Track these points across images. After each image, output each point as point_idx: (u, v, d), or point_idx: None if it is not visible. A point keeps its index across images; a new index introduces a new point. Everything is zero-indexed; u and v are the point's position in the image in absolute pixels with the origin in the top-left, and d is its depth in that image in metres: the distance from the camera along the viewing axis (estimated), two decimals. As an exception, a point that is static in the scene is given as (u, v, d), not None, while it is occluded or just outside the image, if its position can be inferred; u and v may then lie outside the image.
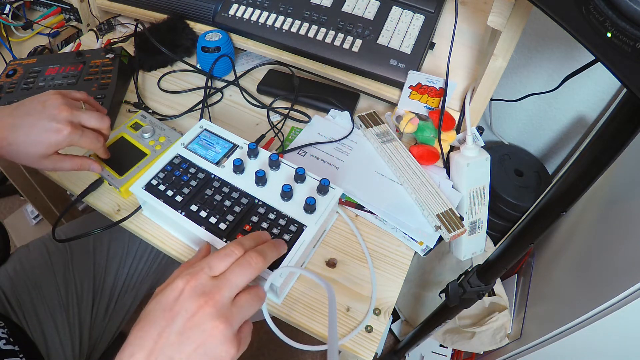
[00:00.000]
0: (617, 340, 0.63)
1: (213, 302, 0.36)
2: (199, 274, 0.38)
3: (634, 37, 0.30)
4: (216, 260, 0.39)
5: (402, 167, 0.63)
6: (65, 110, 0.51)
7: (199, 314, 0.36)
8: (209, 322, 0.35)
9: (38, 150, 0.51)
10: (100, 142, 0.55)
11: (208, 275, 0.38)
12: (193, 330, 0.35)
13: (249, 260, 0.40)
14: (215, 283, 0.37)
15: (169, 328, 0.35)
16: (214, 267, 0.39)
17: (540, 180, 1.10)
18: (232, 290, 0.38)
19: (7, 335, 0.59)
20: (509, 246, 0.58)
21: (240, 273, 0.39)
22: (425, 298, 1.16)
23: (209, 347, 0.35)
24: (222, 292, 0.37)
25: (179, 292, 0.36)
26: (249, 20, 0.76)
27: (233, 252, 0.40)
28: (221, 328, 0.36)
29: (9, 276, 0.68)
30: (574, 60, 0.94)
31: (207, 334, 0.35)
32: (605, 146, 0.39)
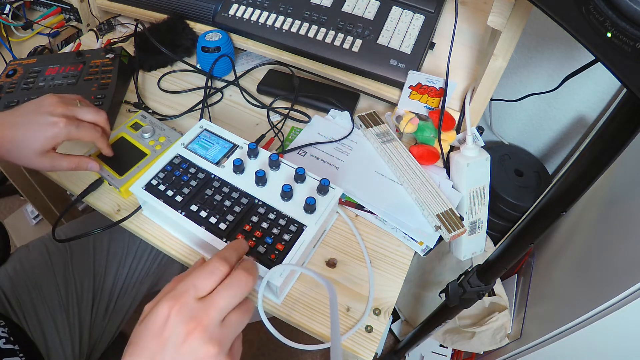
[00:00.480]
0: (617, 340, 0.63)
1: (202, 327, 0.35)
2: (184, 296, 0.36)
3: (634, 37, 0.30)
4: (201, 280, 0.38)
5: (402, 167, 0.63)
6: (60, 106, 0.53)
7: (189, 339, 0.35)
8: (200, 347, 0.35)
9: (36, 145, 0.51)
10: (98, 131, 0.55)
11: (194, 298, 0.37)
12: (184, 355, 0.35)
13: (238, 281, 0.39)
14: (203, 306, 0.36)
15: (161, 355, 0.35)
16: (199, 288, 0.37)
17: (540, 180, 1.10)
18: (221, 313, 0.37)
19: (7, 334, 0.59)
20: (509, 246, 0.58)
21: (228, 295, 0.38)
22: (425, 298, 1.16)
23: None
24: (211, 315, 0.36)
25: (166, 316, 0.36)
26: (249, 20, 0.76)
27: (218, 269, 0.39)
28: (213, 352, 0.35)
29: (9, 276, 0.69)
30: (574, 60, 0.94)
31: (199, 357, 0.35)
32: (605, 146, 0.39)
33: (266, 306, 0.52)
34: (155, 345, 0.35)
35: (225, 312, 0.37)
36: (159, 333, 0.35)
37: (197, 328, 0.35)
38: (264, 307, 0.51)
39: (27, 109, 0.52)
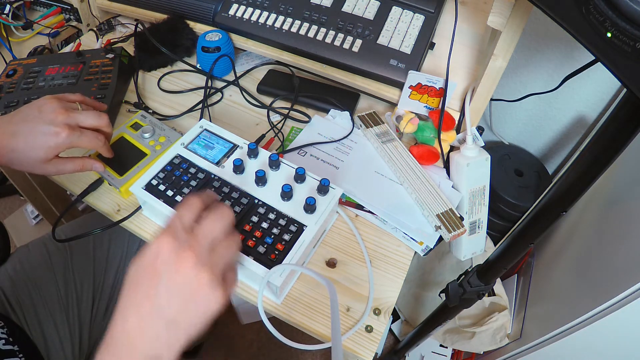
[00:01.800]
0: (617, 340, 0.63)
1: (193, 254, 0.37)
2: (173, 229, 0.38)
3: (634, 37, 0.30)
4: (185, 212, 0.40)
5: (402, 167, 0.63)
6: (61, 114, 0.52)
7: (182, 267, 0.36)
8: (193, 273, 0.36)
9: (38, 155, 0.51)
10: (100, 140, 0.55)
11: (182, 230, 0.38)
12: (179, 285, 0.36)
13: (219, 210, 0.41)
14: (191, 236, 0.38)
15: (156, 287, 0.36)
16: (185, 220, 0.39)
17: (540, 180, 1.09)
18: (209, 240, 0.39)
19: (7, 335, 0.59)
20: (509, 246, 0.58)
21: (212, 223, 0.39)
22: (425, 298, 1.16)
23: (197, 297, 0.36)
24: (200, 242, 0.38)
25: (157, 251, 0.37)
26: (249, 20, 0.76)
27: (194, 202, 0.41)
28: (205, 277, 0.36)
29: (9, 276, 0.68)
30: (574, 60, 0.94)
31: (193, 286, 0.36)
32: (605, 146, 0.39)
33: (266, 306, 0.52)
34: (150, 279, 0.37)
35: (212, 239, 0.39)
36: (152, 267, 0.37)
37: (189, 256, 0.36)
38: (264, 307, 0.51)
39: (27, 116, 0.51)
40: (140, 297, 0.37)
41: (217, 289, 0.37)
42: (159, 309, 0.36)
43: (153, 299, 0.36)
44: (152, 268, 0.37)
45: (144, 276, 0.37)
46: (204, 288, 0.37)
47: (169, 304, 0.36)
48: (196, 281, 0.36)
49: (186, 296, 0.36)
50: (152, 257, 0.37)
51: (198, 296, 0.37)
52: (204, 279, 0.36)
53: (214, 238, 0.39)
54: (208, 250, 0.38)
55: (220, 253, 0.39)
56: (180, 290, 0.36)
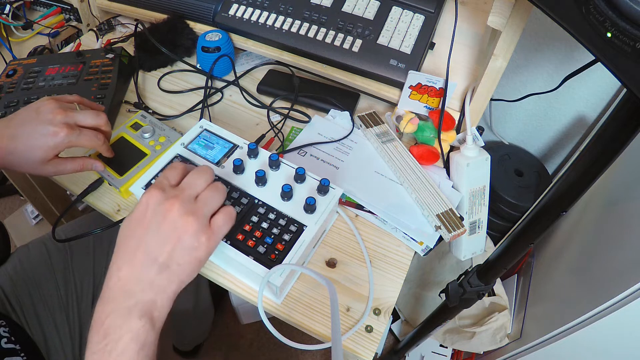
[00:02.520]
0: (617, 340, 0.63)
1: (179, 201, 0.40)
2: (159, 185, 0.42)
3: (634, 37, 0.30)
4: (169, 172, 0.44)
5: (402, 167, 0.63)
6: (59, 113, 0.52)
7: (168, 215, 0.40)
8: (179, 218, 0.40)
9: (38, 155, 0.51)
10: (100, 139, 0.55)
11: (168, 185, 0.43)
12: (167, 231, 0.39)
13: (201, 168, 0.45)
14: (177, 188, 0.42)
15: (146, 235, 0.39)
16: (170, 177, 0.44)
17: (540, 180, 1.09)
18: (193, 190, 0.42)
19: (9, 334, 0.59)
20: (509, 246, 0.58)
21: (195, 177, 0.44)
22: (425, 298, 1.16)
23: (185, 241, 0.40)
24: (185, 192, 0.42)
25: (147, 203, 0.41)
26: (249, 20, 0.76)
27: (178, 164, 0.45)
28: (191, 220, 0.40)
29: (9, 276, 0.69)
30: (574, 60, 0.94)
31: (180, 230, 0.40)
32: (605, 146, 0.39)
33: (266, 306, 0.52)
34: (140, 230, 0.40)
35: (196, 190, 0.43)
36: (141, 218, 0.40)
37: (174, 204, 0.40)
38: (264, 307, 0.51)
39: (25, 118, 0.52)
40: (132, 247, 0.40)
41: (203, 232, 0.40)
42: (150, 256, 0.39)
43: (144, 247, 0.39)
44: (142, 219, 0.40)
45: (135, 228, 0.40)
46: (189, 232, 0.40)
47: (159, 250, 0.39)
48: (182, 227, 0.39)
49: (174, 241, 0.39)
50: (141, 210, 0.40)
51: (185, 240, 0.40)
52: (189, 223, 0.40)
53: (198, 188, 0.43)
54: (192, 198, 0.42)
55: (204, 200, 0.42)
56: (169, 236, 0.39)
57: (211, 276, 0.55)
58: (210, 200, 0.43)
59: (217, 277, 0.55)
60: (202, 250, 0.41)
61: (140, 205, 0.41)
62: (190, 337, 1.20)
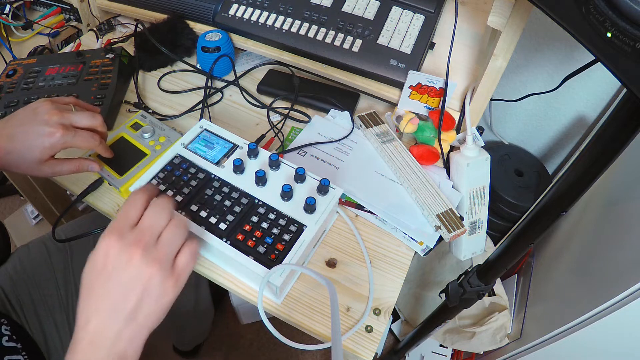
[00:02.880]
0: (617, 340, 0.63)
1: (140, 249, 0.38)
2: (118, 228, 0.39)
3: (634, 37, 0.30)
4: (128, 209, 0.41)
5: (402, 167, 0.63)
6: (55, 114, 0.52)
7: (131, 263, 0.38)
8: (142, 268, 0.38)
9: (34, 155, 0.52)
10: (96, 139, 0.55)
11: (127, 227, 0.40)
12: (131, 280, 0.38)
13: (160, 201, 0.42)
14: (136, 231, 0.40)
15: (110, 288, 0.38)
16: (129, 217, 0.41)
17: (540, 180, 1.09)
18: (154, 231, 0.40)
19: (10, 332, 0.59)
20: (509, 246, 0.57)
21: (155, 214, 0.41)
22: (425, 298, 1.16)
23: (151, 290, 0.38)
24: (146, 235, 0.39)
25: (106, 251, 0.38)
26: (249, 20, 0.76)
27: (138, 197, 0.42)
28: (155, 269, 0.38)
29: (9, 276, 0.69)
30: (574, 60, 0.94)
31: (144, 279, 0.38)
32: (605, 146, 0.39)
33: (266, 306, 0.52)
34: (103, 280, 0.38)
35: (157, 230, 0.40)
36: (103, 268, 0.38)
37: (137, 252, 0.38)
38: (264, 307, 0.51)
39: (22, 119, 0.52)
40: (97, 298, 0.38)
41: (168, 278, 0.39)
42: (116, 307, 0.38)
43: (109, 299, 0.38)
44: (103, 269, 0.38)
45: (97, 278, 0.38)
46: (154, 280, 0.38)
47: (124, 300, 0.38)
48: (146, 274, 0.38)
49: (139, 290, 0.38)
50: (101, 259, 0.38)
51: (151, 290, 0.38)
52: (154, 273, 0.38)
53: (159, 228, 0.40)
54: (154, 242, 0.40)
55: (165, 240, 0.40)
56: (134, 286, 0.38)
57: (211, 276, 0.55)
58: (172, 240, 0.41)
59: (217, 277, 0.55)
60: (168, 296, 0.40)
61: (100, 253, 0.38)
62: (190, 337, 1.20)
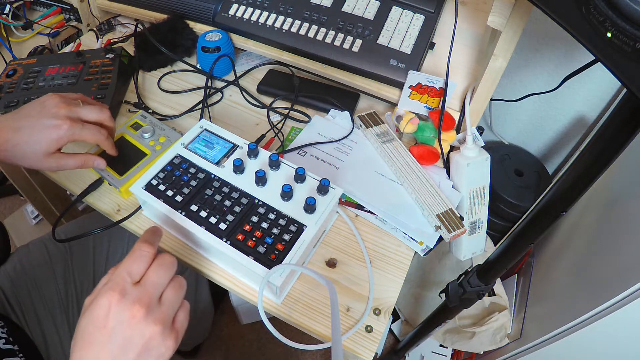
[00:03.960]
0: (616, 340, 0.63)
1: (143, 308, 0.37)
2: (120, 284, 0.38)
3: (634, 37, 0.30)
4: (133, 265, 0.40)
5: (402, 167, 0.63)
6: (63, 107, 0.52)
7: (133, 322, 0.37)
8: (145, 327, 0.37)
9: (41, 147, 0.51)
10: (103, 134, 0.55)
11: (130, 283, 0.38)
12: (132, 338, 0.37)
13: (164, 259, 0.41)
14: (140, 289, 0.38)
15: (109, 344, 0.36)
16: (133, 273, 0.39)
17: (540, 180, 1.09)
18: (157, 291, 0.39)
19: (7, 334, 0.59)
20: (509, 246, 0.57)
21: (159, 273, 0.40)
22: (425, 298, 1.16)
23: (152, 349, 0.37)
24: (149, 295, 0.38)
25: (108, 306, 0.37)
26: (249, 20, 0.76)
27: (145, 252, 0.41)
28: (157, 329, 0.37)
29: (8, 276, 0.69)
30: (574, 60, 0.94)
31: (146, 338, 0.37)
32: (605, 146, 0.39)
33: (266, 306, 0.52)
34: (102, 336, 0.37)
35: (160, 289, 0.40)
36: (104, 324, 0.37)
37: (139, 310, 0.37)
38: (264, 307, 0.51)
39: (30, 111, 0.52)
40: (95, 353, 0.37)
41: (169, 337, 0.38)
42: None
43: (107, 355, 0.36)
44: (104, 324, 0.37)
45: (96, 332, 0.37)
46: (156, 339, 0.37)
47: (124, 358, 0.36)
48: (148, 333, 0.37)
49: (139, 348, 0.37)
50: (102, 313, 0.37)
51: (151, 347, 0.37)
52: (155, 331, 0.37)
53: (161, 287, 0.40)
54: (156, 301, 0.39)
55: (169, 301, 0.40)
56: (133, 343, 0.37)
57: (211, 276, 0.55)
58: (175, 301, 0.41)
59: (217, 277, 0.55)
60: (169, 353, 0.39)
61: (101, 307, 0.37)
62: (190, 337, 1.20)
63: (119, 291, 0.37)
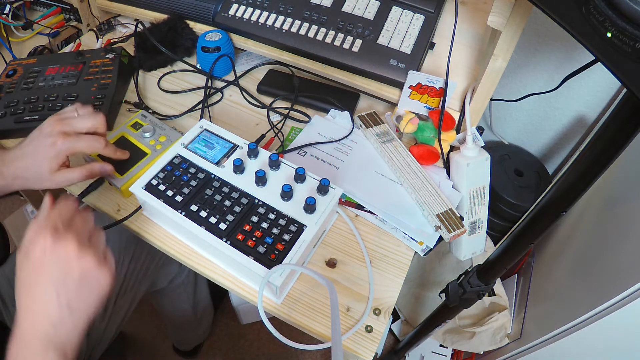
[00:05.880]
0: (617, 340, 0.63)
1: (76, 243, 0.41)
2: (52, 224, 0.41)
3: (634, 37, 0.30)
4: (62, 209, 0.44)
5: (402, 167, 0.63)
6: (57, 125, 0.54)
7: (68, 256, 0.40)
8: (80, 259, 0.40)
9: (44, 167, 0.53)
10: (100, 142, 0.55)
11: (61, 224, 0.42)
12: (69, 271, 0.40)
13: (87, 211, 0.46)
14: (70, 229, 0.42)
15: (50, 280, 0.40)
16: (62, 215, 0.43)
17: (540, 180, 1.09)
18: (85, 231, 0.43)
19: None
20: (509, 246, 0.57)
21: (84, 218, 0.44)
22: (425, 298, 1.16)
23: (88, 278, 0.41)
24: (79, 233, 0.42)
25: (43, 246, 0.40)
26: (249, 20, 0.76)
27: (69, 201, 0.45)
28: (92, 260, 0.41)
29: (7, 278, 0.68)
30: (574, 60, 0.94)
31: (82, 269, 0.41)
32: (605, 146, 0.39)
33: (266, 306, 0.52)
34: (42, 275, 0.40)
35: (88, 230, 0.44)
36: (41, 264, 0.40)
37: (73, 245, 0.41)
38: (264, 307, 0.51)
39: (32, 137, 0.54)
40: (36, 292, 0.40)
41: (104, 268, 0.42)
42: (57, 297, 0.40)
43: (47, 291, 0.40)
44: (41, 263, 0.40)
45: (35, 274, 0.40)
46: (92, 269, 0.41)
47: (64, 290, 0.40)
48: (84, 263, 0.40)
49: (78, 279, 0.40)
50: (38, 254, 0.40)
51: (88, 277, 0.41)
52: (90, 261, 0.41)
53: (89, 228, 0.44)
54: (87, 239, 0.42)
55: (97, 239, 0.44)
56: (71, 275, 0.40)
57: (211, 276, 0.55)
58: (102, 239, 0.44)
59: (217, 277, 0.55)
60: (104, 284, 0.42)
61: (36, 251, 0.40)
62: (190, 337, 1.20)
63: (51, 231, 0.40)
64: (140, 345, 1.26)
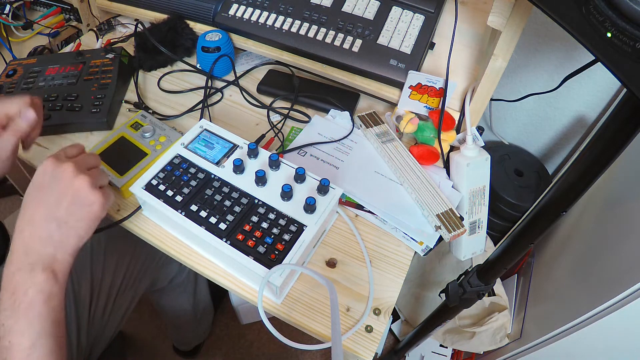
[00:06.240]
0: (617, 340, 0.63)
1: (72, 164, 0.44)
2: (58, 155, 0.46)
3: (634, 37, 0.30)
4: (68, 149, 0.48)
5: (402, 167, 0.63)
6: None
7: (64, 176, 0.44)
8: (74, 179, 0.44)
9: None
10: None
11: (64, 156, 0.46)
12: (64, 188, 0.44)
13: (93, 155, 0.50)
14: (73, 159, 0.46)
15: (46, 199, 0.44)
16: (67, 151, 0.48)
17: (540, 180, 1.09)
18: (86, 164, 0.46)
19: None
20: (509, 246, 0.57)
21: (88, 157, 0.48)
22: (425, 298, 1.16)
23: (80, 197, 0.44)
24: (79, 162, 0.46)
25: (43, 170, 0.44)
26: (249, 20, 0.76)
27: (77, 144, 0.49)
28: (85, 182, 0.44)
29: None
30: (574, 60, 0.94)
31: (75, 188, 0.44)
32: (605, 146, 0.39)
33: (266, 306, 0.52)
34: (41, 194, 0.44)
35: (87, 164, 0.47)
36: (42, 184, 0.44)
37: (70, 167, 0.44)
38: (264, 307, 0.51)
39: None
40: (32, 209, 0.44)
41: (95, 190, 0.44)
42: (49, 214, 0.43)
43: (43, 207, 0.43)
44: (42, 184, 0.44)
45: (35, 193, 0.44)
46: (84, 189, 0.44)
47: (56, 207, 0.43)
48: (78, 184, 0.44)
49: (70, 198, 0.43)
50: (41, 176, 0.44)
51: (80, 196, 0.44)
52: (82, 183, 0.44)
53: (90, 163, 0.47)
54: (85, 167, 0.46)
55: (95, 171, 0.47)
56: (65, 193, 0.43)
57: (211, 276, 0.55)
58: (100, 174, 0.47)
59: (217, 277, 0.55)
60: (95, 206, 0.44)
61: (39, 172, 0.44)
62: (190, 337, 1.20)
63: (55, 158, 0.45)
64: (140, 345, 1.26)
